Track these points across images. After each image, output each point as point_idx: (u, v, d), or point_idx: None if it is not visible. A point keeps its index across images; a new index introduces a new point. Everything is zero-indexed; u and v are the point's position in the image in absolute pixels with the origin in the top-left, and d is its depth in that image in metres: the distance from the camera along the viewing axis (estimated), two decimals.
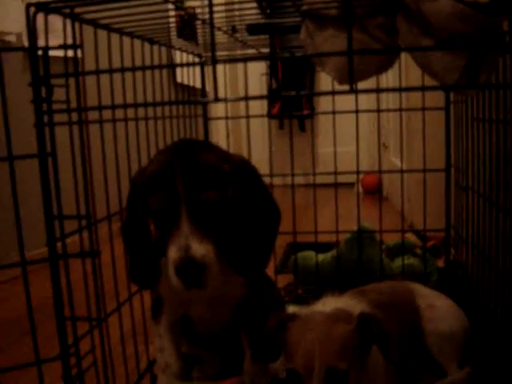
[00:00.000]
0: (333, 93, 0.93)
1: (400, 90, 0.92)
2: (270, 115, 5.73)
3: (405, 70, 3.12)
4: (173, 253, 1.05)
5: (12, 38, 2.79)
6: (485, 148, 1.48)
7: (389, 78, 4.43)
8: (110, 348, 1.24)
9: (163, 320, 1.31)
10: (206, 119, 2.03)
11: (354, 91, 0.90)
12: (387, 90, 1.58)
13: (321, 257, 2.12)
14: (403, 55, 1.47)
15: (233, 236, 1.15)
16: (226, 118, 2.08)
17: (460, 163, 1.85)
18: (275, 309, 1.41)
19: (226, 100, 0.91)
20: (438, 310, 1.44)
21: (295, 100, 5.90)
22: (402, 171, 2.02)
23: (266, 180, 1.27)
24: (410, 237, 2.35)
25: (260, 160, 2.10)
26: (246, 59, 1.44)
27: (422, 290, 1.53)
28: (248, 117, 2.03)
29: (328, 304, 1.23)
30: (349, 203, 3.23)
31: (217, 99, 0.89)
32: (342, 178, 2.13)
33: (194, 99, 1.70)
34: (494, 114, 1.35)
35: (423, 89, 1.02)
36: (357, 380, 1.06)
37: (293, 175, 1.99)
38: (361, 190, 4.89)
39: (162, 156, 1.13)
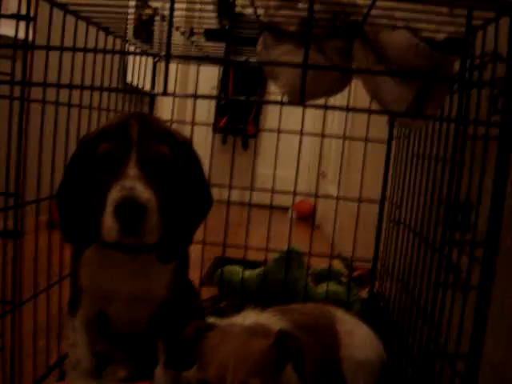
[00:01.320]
0: (281, 103, 0.93)
1: (347, 109, 0.94)
2: (215, 129, 5.72)
3: (353, 96, 3.18)
4: (115, 193, 1.00)
5: None
6: (420, 184, 1.51)
7: (336, 103, 4.51)
8: (20, 337, 1.19)
9: (79, 314, 1.27)
10: None
11: (303, 104, 0.90)
12: (334, 107, 1.59)
13: (247, 273, 2.12)
14: (354, 82, 1.49)
15: (167, 207, 1.11)
16: (171, 121, 2.06)
17: (395, 197, 1.89)
18: (195, 317, 1.39)
19: (174, 95, 0.89)
20: (357, 337, 1.45)
21: (242, 117, 5.93)
22: (337, 198, 2.04)
23: None
24: (337, 265, 2.37)
25: None
26: (200, 58, 1.43)
27: (343, 315, 1.54)
28: (193, 124, 2.02)
29: (248, 318, 1.22)
30: (282, 227, 3.25)
31: (165, 93, 0.88)
32: (277, 201, 2.14)
33: (143, 91, 1.67)
34: (434, 150, 1.38)
35: (370, 111, 1.04)
36: None
37: (230, 187, 1.99)
38: (294, 215, 4.92)
39: (117, 119, 1.12)
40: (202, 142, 5.86)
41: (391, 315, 1.80)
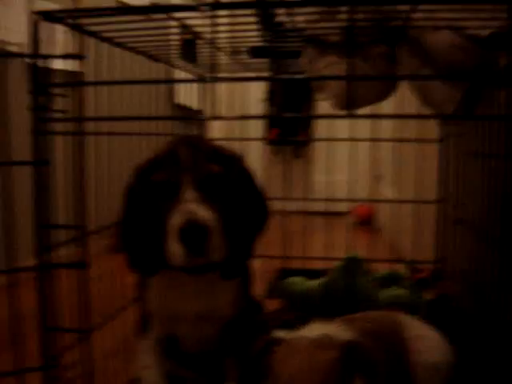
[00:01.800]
0: (331, 116, 0.94)
1: (397, 116, 0.93)
2: (266, 141, 5.74)
3: (402, 100, 3.14)
4: (176, 218, 1.03)
5: (14, 49, 2.80)
6: (482, 181, 1.49)
7: (384, 109, 4.47)
8: (92, 363, 1.22)
9: (149, 337, 1.30)
10: None
11: (351, 116, 0.90)
12: (384, 116, 1.58)
13: (310, 283, 2.11)
14: (401, 86, 1.48)
15: (226, 223, 1.12)
16: (223, 139, 2.08)
17: (453, 196, 1.86)
18: (262, 332, 1.40)
19: (222, 118, 0.91)
20: (426, 341, 1.43)
21: (292, 127, 5.93)
22: (393, 201, 2.02)
23: None
24: (400, 268, 2.34)
25: None
26: (246, 79, 1.45)
27: (409, 320, 1.52)
28: (243, 139, 2.03)
29: (315, 330, 1.22)
30: (341, 233, 3.24)
31: (215, 117, 0.89)
32: (335, 207, 2.13)
33: (192, 117, 1.70)
34: (488, 148, 1.36)
35: (420, 117, 1.02)
36: None
37: (285, 198, 1.99)
38: (354, 220, 4.88)
39: (167, 145, 1.15)
40: (255, 155, 5.91)
41: (458, 316, 1.76)
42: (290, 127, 5.99)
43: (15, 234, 0.96)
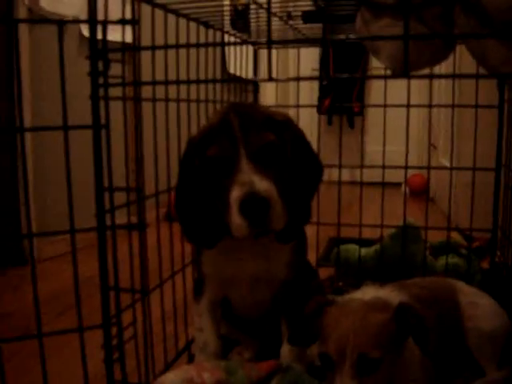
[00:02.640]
0: (385, 77, 0.93)
1: (454, 76, 0.91)
2: (319, 111, 5.71)
3: (459, 63, 3.07)
4: (236, 191, 1.04)
5: None
6: None
7: (442, 71, 4.38)
8: (150, 323, 1.26)
9: (204, 299, 1.33)
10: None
11: (408, 76, 0.89)
12: (440, 76, 1.55)
13: (364, 250, 2.11)
14: (458, 48, 1.45)
15: (284, 189, 1.13)
16: (276, 105, 2.09)
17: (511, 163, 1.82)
18: (315, 295, 1.41)
19: (277, 80, 0.91)
20: (480, 308, 1.42)
21: (346, 95, 5.88)
22: (451, 168, 1.99)
23: None
24: (456, 237, 2.31)
25: None
26: (300, 41, 1.44)
27: (464, 287, 1.51)
28: (298, 106, 2.03)
29: (367, 293, 1.23)
30: (394, 203, 3.20)
31: (270, 79, 0.90)
32: (388, 177, 2.11)
33: (246, 79, 1.70)
34: None
35: (477, 76, 1.00)
36: (389, 369, 1.06)
37: (340, 167, 1.99)
38: (407, 190, 4.83)
39: (217, 114, 1.17)
40: (308, 124, 5.86)
41: None
42: (343, 96, 5.94)
43: (75, 198, 0.99)
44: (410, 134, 1.95)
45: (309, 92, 5.85)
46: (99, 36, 0.97)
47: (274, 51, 2.22)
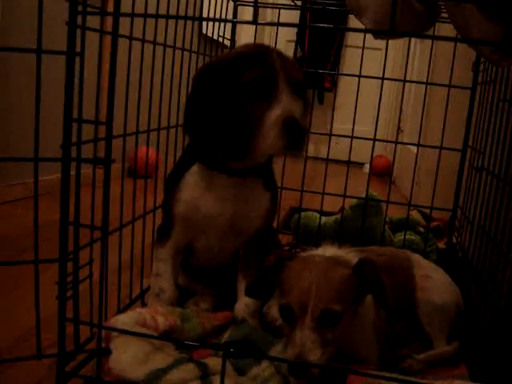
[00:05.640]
0: (366, 31, 0.92)
1: (434, 37, 0.90)
2: None
3: (435, 47, 3.09)
4: (279, 112, 1.10)
5: None
6: (507, 129, 1.47)
7: (416, 58, 4.41)
8: (107, 265, 1.23)
9: (168, 244, 1.32)
10: None
11: (393, 32, 0.88)
12: (423, 36, 1.54)
13: (324, 219, 2.12)
14: (437, 27, 1.45)
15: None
16: None
17: (478, 144, 1.84)
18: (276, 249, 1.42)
19: (258, 23, 0.89)
20: (433, 281, 1.44)
21: (318, 72, 5.87)
22: (418, 145, 2.01)
23: None
24: (415, 215, 2.34)
25: None
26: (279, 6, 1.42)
27: (420, 260, 1.54)
28: None
29: (328, 251, 1.24)
30: (357, 182, 3.22)
31: (255, 22, 0.88)
32: (353, 157, 2.13)
33: (227, 20, 1.67)
34: None
35: (457, 40, 0.99)
36: (347, 325, 1.07)
37: (307, 141, 1.97)
38: (371, 170, 4.88)
39: (248, 47, 1.23)
40: None
41: (469, 264, 1.77)
42: (315, 72, 5.93)
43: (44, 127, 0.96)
44: (378, 117, 1.95)
45: None
46: None
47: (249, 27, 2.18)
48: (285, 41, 5.90)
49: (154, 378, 0.99)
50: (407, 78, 1.99)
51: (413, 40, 4.36)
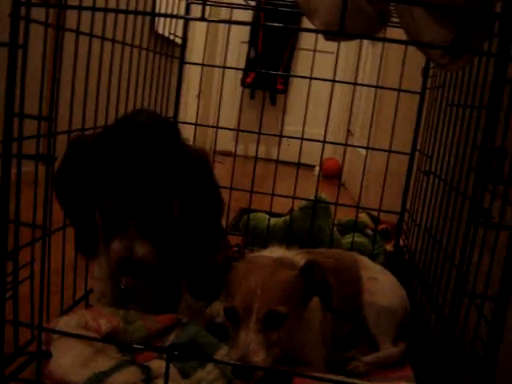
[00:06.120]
0: (317, 31, 0.91)
1: (384, 40, 0.90)
2: (243, 84, 5.69)
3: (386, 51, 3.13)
4: (115, 248, 1.09)
5: None
6: (454, 133, 1.49)
7: (367, 62, 4.46)
8: (49, 264, 1.19)
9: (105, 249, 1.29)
10: (183, 62, 1.98)
11: (343, 34, 0.88)
12: (373, 38, 1.55)
13: (273, 220, 2.12)
14: (388, 31, 1.46)
15: (177, 236, 1.17)
16: (202, 64, 2.04)
17: (425, 148, 1.86)
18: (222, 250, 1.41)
19: (208, 20, 0.87)
20: (380, 283, 1.46)
21: (270, 73, 5.88)
22: (367, 148, 2.02)
23: (231, 148, 1.26)
24: (363, 217, 2.36)
25: (226, 126, 2.10)
26: (232, 6, 1.41)
27: (367, 262, 1.55)
28: (224, 67, 2.00)
29: (275, 252, 1.23)
30: (307, 183, 3.23)
31: (203, 18, 0.86)
32: (303, 159, 2.13)
33: (177, 16, 1.64)
34: (468, 97, 1.35)
35: (407, 43, 1.00)
36: (293, 327, 1.06)
37: (258, 142, 1.97)
38: (321, 173, 4.91)
39: (119, 141, 1.09)
40: (231, 96, 5.85)
41: (416, 267, 1.79)
42: (268, 74, 5.95)
43: None
44: (329, 120, 1.96)
45: (235, 65, 5.81)
46: None
47: (202, 24, 2.17)
48: (238, 42, 5.90)
49: (96, 381, 0.97)
50: (359, 81, 2.02)
51: (365, 43, 4.41)
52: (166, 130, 1.15)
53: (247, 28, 5.85)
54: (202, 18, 0.87)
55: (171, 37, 1.90)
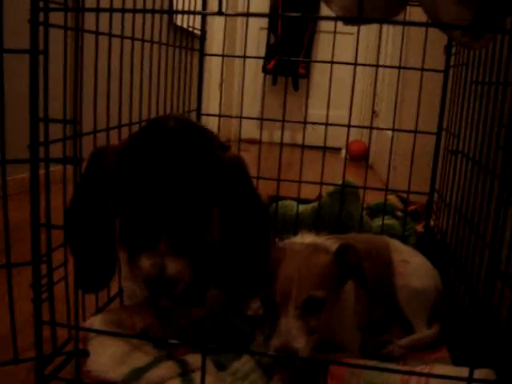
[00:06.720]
0: (335, 19, 0.90)
1: (404, 23, 0.89)
2: (264, 70, 5.67)
3: (407, 31, 3.10)
4: (145, 265, 1.00)
5: None
6: (480, 111, 1.47)
7: (388, 42, 4.41)
8: None
9: None
10: (203, 54, 1.99)
11: (362, 19, 0.87)
12: (392, 21, 1.52)
13: (302, 207, 2.12)
14: (408, 10, 1.44)
15: (220, 252, 1.08)
16: (222, 55, 2.04)
17: (452, 127, 1.84)
18: None
19: (225, 14, 0.87)
20: (412, 265, 1.45)
21: (292, 57, 5.86)
22: (393, 129, 2.01)
23: (256, 135, 1.25)
24: (392, 199, 2.35)
25: (250, 114, 2.09)
26: None
27: (398, 245, 1.54)
28: (244, 57, 2.00)
29: (307, 238, 1.23)
30: (334, 167, 3.22)
31: (221, 13, 0.86)
32: (329, 142, 2.12)
33: (194, 12, 1.64)
34: (493, 77, 1.33)
35: (426, 25, 0.99)
36: (330, 312, 1.06)
37: (283, 128, 1.96)
38: (347, 155, 4.88)
39: (148, 149, 1.01)
40: (252, 83, 5.84)
41: (448, 247, 1.78)
42: (289, 59, 5.92)
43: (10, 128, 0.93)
44: (353, 102, 1.95)
45: (255, 51, 5.79)
46: None
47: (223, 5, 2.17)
48: (258, 28, 5.87)
49: (134, 377, 0.98)
50: (381, 63, 1.99)
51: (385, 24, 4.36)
52: (198, 134, 1.06)
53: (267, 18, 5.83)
54: (220, 13, 0.86)
55: (190, 29, 1.90)
